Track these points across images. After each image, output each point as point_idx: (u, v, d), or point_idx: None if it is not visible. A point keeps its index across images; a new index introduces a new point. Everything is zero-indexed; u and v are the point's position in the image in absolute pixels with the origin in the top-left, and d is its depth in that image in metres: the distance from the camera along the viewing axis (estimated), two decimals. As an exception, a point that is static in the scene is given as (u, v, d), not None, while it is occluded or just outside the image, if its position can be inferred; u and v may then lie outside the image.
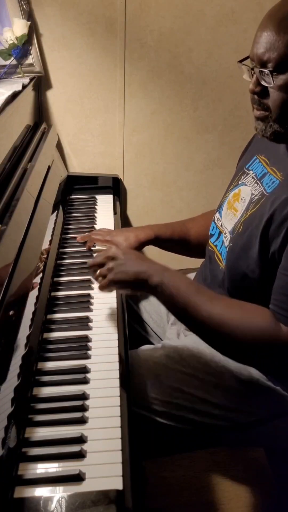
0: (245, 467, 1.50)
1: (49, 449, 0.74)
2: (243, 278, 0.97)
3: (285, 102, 0.86)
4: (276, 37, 0.82)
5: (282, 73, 0.84)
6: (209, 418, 1.03)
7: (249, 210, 0.99)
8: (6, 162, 1.16)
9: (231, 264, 1.01)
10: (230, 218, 1.06)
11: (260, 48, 0.85)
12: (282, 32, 0.82)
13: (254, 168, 1.05)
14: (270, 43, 0.83)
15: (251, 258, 0.94)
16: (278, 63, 0.83)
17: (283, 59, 0.83)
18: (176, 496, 1.42)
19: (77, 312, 1.06)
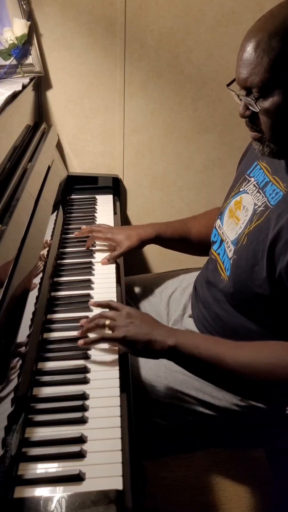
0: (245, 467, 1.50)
1: (49, 449, 0.74)
2: (249, 293, 0.95)
3: (275, 123, 0.84)
4: (256, 61, 0.80)
5: (267, 97, 0.82)
6: (209, 420, 1.03)
7: (253, 222, 0.97)
8: (6, 162, 1.16)
9: (237, 278, 0.98)
10: (233, 228, 1.04)
11: (243, 73, 0.83)
12: (261, 55, 0.79)
13: (255, 175, 1.03)
14: (251, 67, 0.81)
15: (257, 274, 0.92)
16: (260, 89, 0.82)
17: (265, 83, 0.81)
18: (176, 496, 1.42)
19: (77, 312, 1.06)
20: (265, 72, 0.80)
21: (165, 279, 1.36)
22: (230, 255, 1.03)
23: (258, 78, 0.81)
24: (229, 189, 1.15)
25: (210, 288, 1.09)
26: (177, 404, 1.02)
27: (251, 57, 0.81)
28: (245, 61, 0.82)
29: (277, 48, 0.78)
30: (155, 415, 1.02)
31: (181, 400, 1.02)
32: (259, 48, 0.80)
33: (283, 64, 0.79)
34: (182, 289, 1.29)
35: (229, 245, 1.05)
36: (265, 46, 0.79)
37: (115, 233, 1.27)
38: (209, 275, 1.12)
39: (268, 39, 0.78)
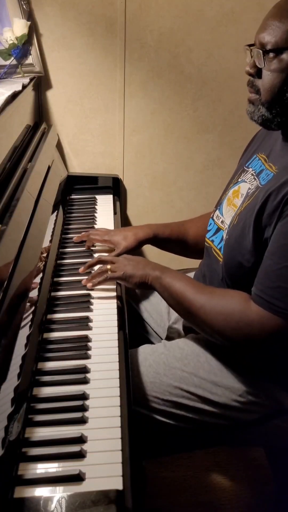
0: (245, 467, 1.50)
1: (49, 449, 0.74)
2: (239, 269, 0.98)
3: (274, 85, 0.89)
4: (278, 24, 0.87)
5: (276, 56, 0.88)
6: (209, 417, 1.03)
7: (245, 202, 1.00)
8: (6, 162, 1.16)
9: (227, 256, 1.02)
10: (230, 214, 1.07)
11: (261, 32, 0.90)
12: (284, 19, 0.86)
13: (253, 166, 1.06)
14: (272, 28, 0.88)
15: (245, 248, 0.96)
16: (273, 46, 0.87)
17: (279, 44, 0.87)
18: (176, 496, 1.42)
19: (77, 312, 1.06)
20: (283, 33, 0.86)
21: None
22: (225, 236, 1.06)
23: (274, 37, 0.87)
24: (228, 182, 1.16)
25: (207, 283, 1.11)
26: (176, 401, 1.03)
27: (274, 19, 0.88)
28: (268, 23, 0.89)
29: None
30: (155, 412, 1.02)
31: (181, 397, 1.03)
32: (283, 13, 0.87)
33: None
34: None
35: (226, 230, 1.07)
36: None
37: (112, 235, 1.27)
38: (205, 269, 1.14)
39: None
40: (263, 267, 0.91)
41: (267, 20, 0.89)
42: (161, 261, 1.84)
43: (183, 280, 1.02)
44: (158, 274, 1.05)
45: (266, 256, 0.90)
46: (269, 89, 0.90)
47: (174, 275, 1.05)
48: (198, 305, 0.96)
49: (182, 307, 1.01)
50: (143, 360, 1.07)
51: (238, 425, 1.05)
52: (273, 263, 0.87)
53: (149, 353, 1.09)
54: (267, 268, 0.89)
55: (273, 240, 0.89)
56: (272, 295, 0.87)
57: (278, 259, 0.87)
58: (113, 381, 0.87)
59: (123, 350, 0.96)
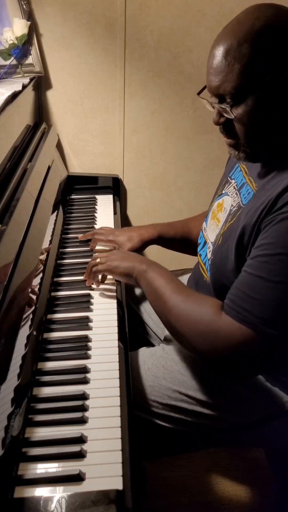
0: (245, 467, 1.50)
1: (49, 449, 0.74)
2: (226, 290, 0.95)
3: (250, 129, 0.85)
4: (228, 69, 0.80)
5: (240, 103, 0.82)
6: (208, 420, 1.03)
7: (228, 222, 0.98)
8: (6, 162, 1.16)
9: (213, 277, 1.01)
10: (213, 229, 1.06)
11: (214, 81, 0.84)
12: (232, 62, 0.80)
13: (235, 177, 1.05)
14: (223, 75, 0.81)
15: (228, 270, 0.94)
16: (234, 95, 0.82)
17: (239, 90, 0.81)
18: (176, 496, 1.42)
19: (77, 312, 1.06)
20: (237, 79, 0.80)
21: None
22: (209, 256, 1.04)
23: (231, 85, 0.81)
24: (215, 192, 1.16)
25: (200, 290, 1.10)
26: (176, 404, 1.02)
27: (222, 64, 0.81)
28: (216, 69, 0.82)
29: (248, 55, 0.78)
30: (154, 416, 1.02)
31: (180, 401, 1.02)
32: (229, 56, 0.80)
33: (254, 70, 0.79)
34: None
35: (209, 246, 1.07)
36: (236, 53, 0.79)
37: (117, 235, 1.27)
38: (197, 276, 1.13)
39: (238, 45, 0.79)
40: (238, 279, 0.87)
41: (213, 64, 0.83)
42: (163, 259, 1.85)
43: (165, 277, 0.99)
44: (144, 267, 1.03)
45: (242, 269, 0.87)
46: (247, 132, 0.85)
47: (159, 271, 1.02)
48: (172, 305, 0.93)
49: (158, 304, 0.98)
50: (142, 364, 1.07)
51: (238, 428, 1.05)
52: (246, 274, 0.84)
53: (148, 356, 1.09)
54: (240, 278, 0.86)
55: (251, 254, 0.86)
56: (241, 305, 0.83)
57: (251, 270, 0.84)
58: (113, 381, 0.87)
59: (123, 350, 0.96)
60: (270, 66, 0.79)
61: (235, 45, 0.79)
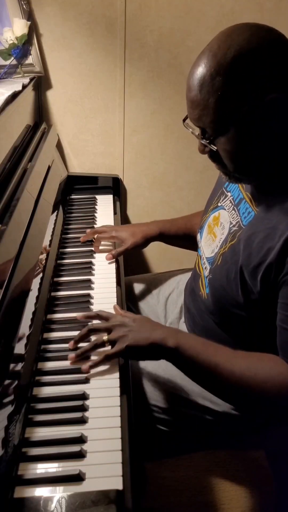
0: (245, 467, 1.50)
1: (49, 449, 0.74)
2: (228, 313, 0.95)
3: (235, 157, 0.83)
4: (203, 103, 0.79)
5: (221, 134, 0.81)
6: (208, 424, 1.02)
7: (228, 242, 0.96)
8: (6, 162, 1.16)
9: (214, 298, 0.99)
10: (209, 244, 1.04)
11: (194, 114, 0.83)
12: (206, 97, 0.78)
13: (232, 190, 1.03)
14: (200, 109, 0.80)
15: (230, 295, 0.92)
16: (213, 129, 0.81)
17: (217, 123, 0.80)
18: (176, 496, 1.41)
19: (77, 312, 1.05)
20: (214, 113, 0.79)
21: (162, 279, 1.36)
22: (206, 273, 1.03)
23: (208, 119, 0.80)
24: (208, 201, 1.15)
25: (195, 299, 1.10)
26: (176, 409, 1.02)
27: (198, 98, 0.80)
28: (194, 102, 0.81)
29: (221, 88, 0.77)
30: (154, 420, 1.02)
31: (181, 405, 1.02)
32: (203, 90, 0.78)
33: (229, 102, 0.77)
34: (179, 291, 1.29)
35: (204, 261, 1.05)
36: (209, 87, 0.78)
37: (120, 231, 1.27)
38: (193, 285, 1.12)
39: (211, 79, 0.77)
40: (284, 339, 0.84)
41: (191, 97, 0.81)
42: (162, 258, 1.85)
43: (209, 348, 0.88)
44: (173, 344, 0.86)
45: (282, 327, 0.84)
46: (233, 161, 0.84)
47: (193, 342, 0.88)
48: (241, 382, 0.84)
49: (214, 382, 0.88)
50: (142, 368, 1.06)
51: (239, 431, 1.04)
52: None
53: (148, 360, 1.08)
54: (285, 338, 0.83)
55: (283, 308, 0.83)
56: None
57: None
58: (113, 381, 0.87)
59: (123, 350, 0.96)
60: (246, 95, 0.77)
61: (208, 78, 0.77)
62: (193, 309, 1.09)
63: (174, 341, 0.87)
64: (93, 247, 1.30)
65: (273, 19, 1.50)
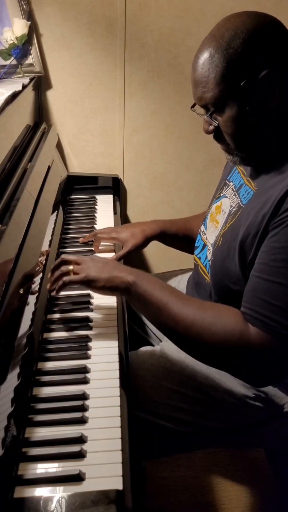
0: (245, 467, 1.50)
1: (49, 449, 0.74)
2: (228, 291, 0.96)
3: (236, 133, 0.88)
4: (205, 80, 0.85)
5: (222, 110, 0.86)
6: (208, 420, 1.03)
7: (228, 222, 0.98)
8: (6, 162, 1.16)
9: (215, 278, 1.00)
10: (212, 231, 1.06)
11: (197, 93, 0.88)
12: (207, 74, 0.85)
13: (233, 180, 1.05)
14: (202, 86, 0.86)
15: (231, 271, 0.93)
16: (214, 104, 0.86)
17: (218, 98, 0.85)
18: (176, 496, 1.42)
19: (77, 312, 1.06)
20: (214, 88, 0.85)
21: (162, 279, 1.35)
22: (210, 257, 1.04)
23: (210, 94, 0.86)
24: (213, 196, 1.16)
25: (199, 290, 1.10)
26: (175, 404, 1.02)
27: (200, 76, 0.86)
28: (197, 81, 0.88)
29: (220, 64, 0.84)
30: (154, 416, 1.02)
31: (180, 401, 1.02)
32: (204, 67, 0.85)
33: (228, 77, 0.84)
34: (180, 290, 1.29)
35: (209, 247, 1.06)
36: (209, 64, 0.85)
37: (120, 232, 1.27)
38: (197, 278, 1.13)
39: (210, 57, 0.85)
40: (252, 286, 0.85)
41: (194, 77, 0.88)
42: (161, 260, 1.86)
43: (165, 289, 0.91)
44: (132, 279, 0.91)
45: (253, 275, 0.85)
46: (235, 137, 0.89)
47: (152, 281, 0.93)
48: (188, 321, 0.86)
49: (164, 320, 0.89)
50: (141, 364, 1.06)
51: (238, 428, 1.05)
52: (261, 280, 0.83)
53: (147, 356, 1.09)
54: (255, 285, 0.84)
55: (259, 257, 0.85)
56: (264, 314, 0.81)
57: (266, 275, 0.82)
58: (113, 381, 0.87)
59: (123, 349, 0.96)
60: (243, 71, 0.83)
61: (208, 57, 0.85)
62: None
63: (133, 277, 0.92)
64: (93, 247, 1.30)
65: (273, 19, 1.50)
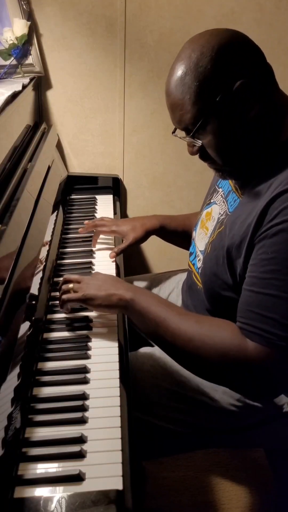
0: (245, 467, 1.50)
1: (49, 449, 0.74)
2: (220, 298, 0.96)
3: (221, 149, 0.88)
4: (181, 102, 0.85)
5: (203, 129, 0.86)
6: (207, 421, 1.03)
7: (216, 230, 0.99)
8: (6, 162, 1.16)
9: (205, 285, 1.00)
10: (202, 237, 1.06)
11: (174, 117, 0.89)
12: (182, 96, 0.84)
13: (223, 185, 1.06)
14: (179, 109, 0.86)
15: (222, 279, 0.94)
16: (195, 124, 0.85)
17: (197, 118, 0.85)
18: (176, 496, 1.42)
19: (77, 312, 1.06)
20: (192, 109, 0.84)
21: (162, 279, 1.37)
22: (199, 264, 1.04)
23: (188, 116, 0.86)
24: (203, 201, 1.17)
25: (192, 295, 1.11)
26: (174, 405, 1.02)
27: (176, 100, 0.86)
28: (173, 106, 0.87)
29: (192, 84, 0.83)
30: (153, 417, 1.02)
31: (179, 402, 1.02)
32: (178, 91, 0.85)
33: (203, 95, 0.83)
34: (179, 291, 1.30)
35: (198, 254, 1.07)
36: (183, 87, 0.84)
37: (120, 225, 1.27)
38: (190, 282, 1.13)
39: (181, 80, 0.84)
40: (245, 299, 0.85)
41: (170, 102, 0.87)
42: (161, 260, 1.85)
43: (162, 304, 0.92)
44: (129, 296, 0.93)
45: (245, 288, 0.85)
46: (221, 153, 0.88)
47: (149, 297, 0.94)
48: (186, 337, 0.86)
49: (162, 336, 0.90)
50: (140, 365, 1.07)
51: (237, 429, 1.05)
52: (254, 293, 0.82)
53: (147, 357, 1.09)
54: (248, 299, 0.84)
55: (250, 270, 0.85)
56: (261, 327, 0.81)
57: (258, 288, 0.82)
58: (113, 381, 0.87)
59: (123, 349, 0.96)
60: (216, 86, 0.82)
61: (180, 80, 0.84)
62: (191, 306, 1.10)
63: (131, 294, 0.94)
64: (92, 240, 1.30)
65: (273, 19, 1.50)
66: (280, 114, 0.87)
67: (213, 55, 0.82)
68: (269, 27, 1.51)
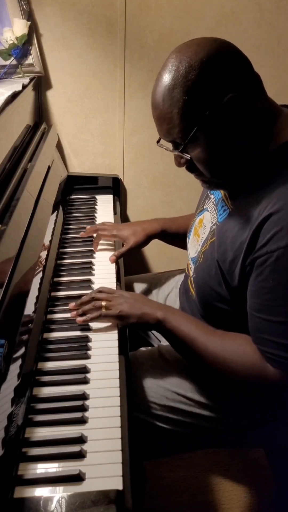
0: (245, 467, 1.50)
1: (49, 449, 0.74)
2: (214, 309, 0.97)
3: (210, 162, 0.86)
4: (169, 116, 0.83)
5: (192, 143, 0.84)
6: (206, 421, 1.02)
7: (208, 240, 0.99)
8: (6, 162, 1.16)
9: (199, 295, 1.01)
10: (194, 245, 1.06)
11: (161, 129, 0.87)
12: (170, 109, 0.82)
13: (214, 192, 1.05)
14: (166, 122, 0.84)
15: (215, 292, 0.95)
16: (183, 138, 0.84)
17: (185, 132, 0.83)
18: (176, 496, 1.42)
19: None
20: (180, 123, 0.83)
21: (162, 279, 1.37)
22: (191, 273, 1.05)
23: (177, 129, 0.84)
24: (197, 206, 1.17)
25: (188, 299, 1.11)
26: (173, 406, 1.02)
27: (163, 113, 0.84)
28: (160, 118, 0.85)
29: (181, 98, 0.81)
30: (152, 417, 1.02)
31: (178, 402, 1.02)
32: (165, 104, 0.83)
33: (191, 109, 0.81)
34: (178, 291, 1.30)
35: (189, 262, 1.07)
36: (170, 100, 0.82)
37: (121, 230, 1.27)
38: (186, 287, 1.14)
39: (170, 93, 0.82)
40: (255, 325, 0.87)
41: (157, 114, 0.86)
42: (161, 260, 1.85)
43: (191, 323, 0.96)
44: (161, 315, 0.96)
45: (253, 314, 0.86)
46: (209, 166, 0.87)
47: (178, 316, 0.98)
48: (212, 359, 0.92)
49: (191, 355, 0.95)
50: (139, 365, 1.07)
51: (237, 429, 1.05)
52: (263, 320, 0.84)
53: (146, 357, 1.09)
54: (259, 326, 0.86)
55: (252, 295, 0.86)
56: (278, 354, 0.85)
57: (267, 316, 0.84)
58: (113, 381, 0.87)
59: (123, 350, 0.96)
60: (205, 100, 0.81)
61: (167, 93, 0.82)
62: (188, 309, 1.10)
63: (162, 313, 0.97)
64: (93, 244, 1.30)
65: (273, 19, 1.50)
66: (269, 123, 0.86)
67: (201, 67, 0.80)
68: (269, 27, 1.51)
